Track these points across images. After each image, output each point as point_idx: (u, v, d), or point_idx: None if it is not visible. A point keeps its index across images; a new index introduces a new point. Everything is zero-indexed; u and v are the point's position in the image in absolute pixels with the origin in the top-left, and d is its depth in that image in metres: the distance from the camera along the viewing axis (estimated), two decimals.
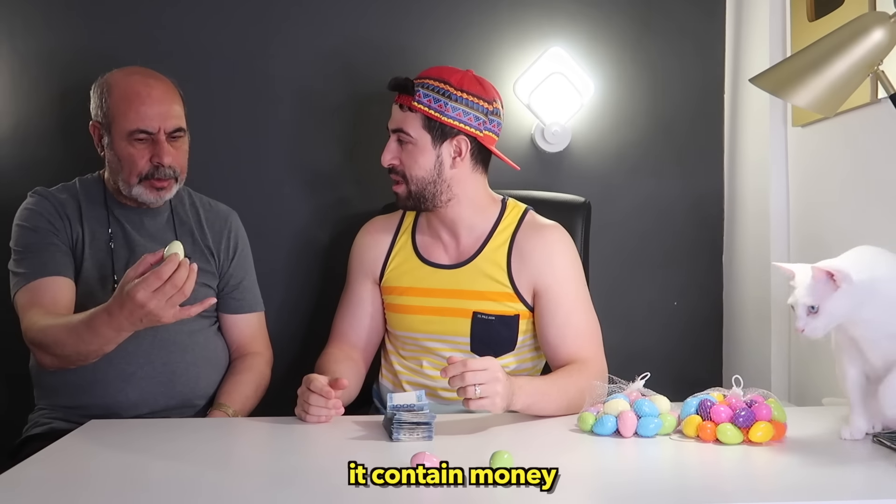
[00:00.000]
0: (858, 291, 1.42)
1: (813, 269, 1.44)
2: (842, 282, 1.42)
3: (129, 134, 1.92)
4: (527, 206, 2.03)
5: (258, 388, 2.05)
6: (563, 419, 1.66)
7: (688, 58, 2.50)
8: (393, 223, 2.08)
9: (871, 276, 1.44)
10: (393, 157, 1.94)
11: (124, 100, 1.93)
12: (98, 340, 1.73)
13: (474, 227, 1.98)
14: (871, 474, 1.32)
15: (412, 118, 1.91)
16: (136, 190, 1.95)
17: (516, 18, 2.45)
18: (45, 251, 1.92)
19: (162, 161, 1.92)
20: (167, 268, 1.59)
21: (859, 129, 1.99)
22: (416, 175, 1.93)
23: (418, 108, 1.90)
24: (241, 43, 2.40)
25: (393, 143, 1.94)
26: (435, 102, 1.90)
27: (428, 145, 1.92)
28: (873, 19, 1.51)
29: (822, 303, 1.43)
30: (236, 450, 1.62)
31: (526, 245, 1.94)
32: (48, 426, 1.92)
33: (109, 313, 1.68)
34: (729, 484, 1.26)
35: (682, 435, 1.54)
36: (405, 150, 1.93)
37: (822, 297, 1.43)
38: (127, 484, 1.31)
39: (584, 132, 2.47)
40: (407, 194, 1.95)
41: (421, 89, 1.90)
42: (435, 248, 2.01)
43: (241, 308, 2.10)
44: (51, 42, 2.35)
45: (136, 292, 1.59)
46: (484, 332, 1.94)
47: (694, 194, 2.52)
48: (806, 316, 1.44)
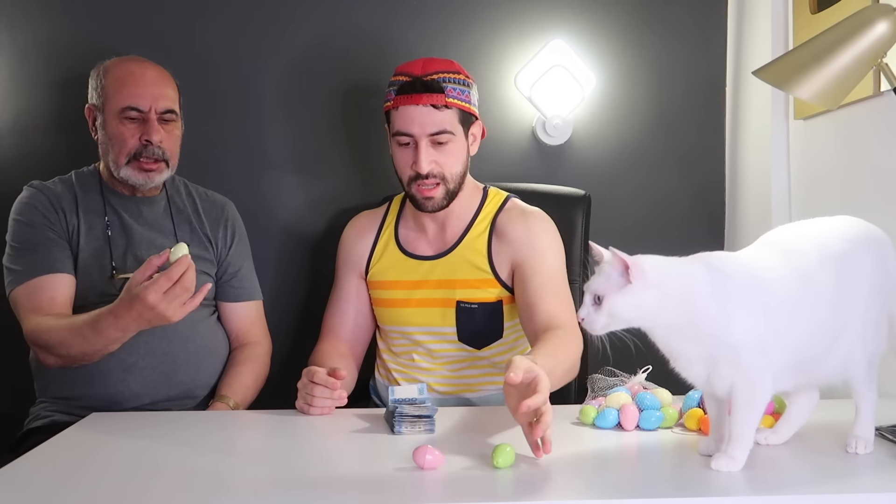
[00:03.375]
0: (656, 296, 1.25)
1: (611, 253, 1.28)
2: (635, 278, 1.25)
3: (120, 111, 1.94)
4: (509, 194, 2.02)
5: (258, 378, 2.06)
6: (565, 413, 1.66)
7: (689, 50, 2.50)
8: (377, 218, 2.07)
9: (683, 284, 1.26)
10: (432, 162, 1.87)
11: (118, 79, 1.96)
12: (103, 341, 1.75)
13: (459, 215, 1.97)
14: (873, 468, 1.32)
15: (449, 115, 1.87)
16: (124, 171, 1.96)
17: (517, 11, 2.44)
18: (41, 247, 1.92)
19: (151, 138, 1.94)
20: (177, 269, 1.61)
21: (862, 121, 1.99)
22: (456, 172, 1.90)
23: (454, 104, 1.87)
24: (237, 35, 2.40)
25: (427, 148, 1.86)
26: (462, 94, 1.89)
27: (462, 138, 1.91)
28: (877, 12, 1.50)
29: (608, 295, 1.26)
30: (239, 443, 1.62)
31: (506, 228, 1.93)
32: (49, 419, 1.93)
33: (115, 315, 1.68)
34: (730, 477, 1.26)
35: (683, 428, 1.55)
36: (444, 150, 1.88)
37: (609, 289, 1.26)
38: (129, 477, 1.31)
39: (586, 125, 2.47)
40: (444, 195, 1.90)
41: (448, 83, 1.87)
42: (418, 241, 2.00)
43: (239, 296, 2.11)
44: (50, 35, 2.35)
45: (147, 295, 1.61)
46: (469, 322, 1.94)
47: (695, 187, 2.52)
48: (591, 305, 1.27)
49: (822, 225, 1.40)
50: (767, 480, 1.28)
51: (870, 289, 1.35)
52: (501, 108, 2.44)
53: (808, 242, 1.35)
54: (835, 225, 1.39)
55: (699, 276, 1.28)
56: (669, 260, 1.30)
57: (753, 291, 1.29)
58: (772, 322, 1.28)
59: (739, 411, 1.28)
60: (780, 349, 1.29)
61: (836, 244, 1.35)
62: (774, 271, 1.31)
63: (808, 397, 1.43)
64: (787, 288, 1.30)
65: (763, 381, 1.29)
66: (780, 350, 1.29)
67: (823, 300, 1.31)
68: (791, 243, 1.36)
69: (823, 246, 1.34)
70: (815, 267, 1.32)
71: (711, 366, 1.28)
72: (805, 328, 1.31)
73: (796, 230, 1.40)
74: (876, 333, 1.37)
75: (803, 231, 1.39)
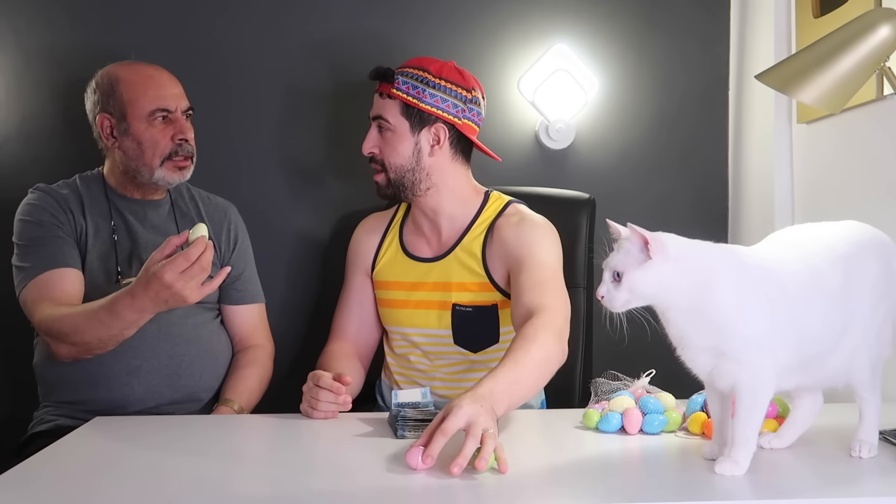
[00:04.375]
0: (677, 272, 1.24)
1: (629, 229, 1.26)
2: (655, 253, 1.23)
3: (149, 114, 1.96)
4: (512, 199, 2.01)
5: (262, 381, 2.06)
6: (568, 417, 1.66)
7: (692, 54, 2.50)
8: (385, 219, 2.10)
9: (705, 260, 1.27)
10: (373, 146, 1.97)
11: (138, 84, 1.97)
12: (119, 324, 1.75)
13: (455, 218, 1.98)
14: (877, 471, 1.32)
15: (391, 105, 1.94)
16: (158, 173, 1.97)
17: (521, 15, 2.45)
18: (51, 243, 1.93)
19: (185, 136, 1.98)
20: (195, 249, 1.62)
21: (865, 125, 1.98)
22: (395, 163, 1.95)
23: (396, 95, 1.92)
24: (237, 39, 2.40)
25: (373, 131, 1.97)
26: (413, 89, 1.92)
27: (406, 132, 1.94)
28: (880, 16, 1.51)
29: (627, 271, 1.24)
30: (243, 446, 1.62)
31: (502, 232, 1.92)
32: (53, 423, 1.93)
33: (132, 295, 1.69)
34: (734, 481, 1.26)
35: (687, 432, 1.54)
36: (384, 138, 1.96)
37: (629, 265, 1.24)
38: (133, 481, 1.31)
39: (589, 129, 2.47)
40: (386, 182, 1.97)
41: (400, 77, 1.93)
42: (419, 242, 2.02)
43: (242, 299, 2.12)
44: (53, 39, 2.35)
45: (164, 273, 1.62)
46: (464, 325, 1.94)
47: (698, 191, 2.52)
48: (610, 282, 1.25)
49: (828, 228, 1.40)
50: (772, 484, 1.28)
51: (875, 292, 1.35)
52: (504, 112, 2.45)
53: (816, 244, 1.36)
54: (841, 228, 1.39)
55: (721, 260, 1.29)
56: (691, 241, 1.30)
57: (766, 283, 1.29)
58: (781, 314, 1.28)
59: (742, 414, 1.28)
60: (786, 344, 1.28)
61: (843, 247, 1.35)
62: (788, 265, 1.32)
63: (811, 401, 1.43)
64: (798, 281, 1.30)
65: (766, 382, 1.28)
66: (785, 345, 1.28)
67: (831, 298, 1.31)
68: (800, 242, 1.37)
69: (830, 247, 1.35)
70: (824, 266, 1.32)
71: (717, 359, 1.28)
72: (813, 323, 1.30)
73: (803, 232, 1.41)
74: (880, 337, 1.37)
75: (810, 233, 1.40)
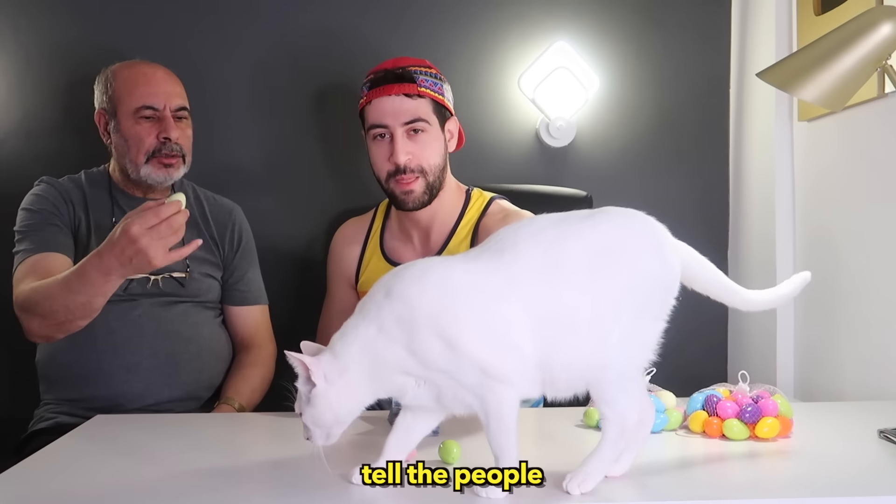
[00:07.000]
0: (357, 375, 1.14)
1: (293, 358, 1.15)
2: (316, 377, 1.13)
3: (135, 111, 1.96)
4: (493, 196, 1.97)
5: (264, 381, 2.06)
6: (569, 416, 1.66)
7: (693, 52, 2.50)
8: (364, 225, 2.05)
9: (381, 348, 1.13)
10: (408, 154, 1.85)
11: (130, 81, 1.99)
12: (86, 289, 1.70)
13: (444, 220, 1.94)
14: (878, 470, 1.32)
15: (423, 104, 1.86)
16: (144, 170, 1.97)
17: (521, 13, 2.44)
18: (46, 230, 1.94)
19: (169, 134, 1.96)
20: (166, 209, 1.60)
21: (866, 123, 1.98)
22: (434, 164, 1.87)
23: (426, 94, 1.87)
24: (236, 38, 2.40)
25: (403, 139, 1.85)
26: (435, 86, 1.89)
27: (438, 130, 1.90)
28: (881, 13, 1.50)
29: (304, 410, 1.14)
30: (243, 444, 1.62)
31: (489, 230, 1.81)
32: (53, 420, 1.93)
33: (99, 254, 1.67)
34: (735, 480, 1.26)
35: (687, 431, 1.54)
36: (420, 141, 1.86)
37: (302, 403, 1.14)
38: (134, 479, 1.31)
39: (589, 127, 2.47)
40: (424, 188, 1.87)
41: (420, 75, 1.87)
42: (403, 248, 1.98)
43: (245, 300, 2.12)
44: (54, 38, 2.36)
45: (132, 226, 1.59)
46: None
47: (699, 190, 2.51)
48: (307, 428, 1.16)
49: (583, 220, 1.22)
50: (772, 483, 1.28)
51: (624, 292, 1.17)
52: (505, 110, 2.44)
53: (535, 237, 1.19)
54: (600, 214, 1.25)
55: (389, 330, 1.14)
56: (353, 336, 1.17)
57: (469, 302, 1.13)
58: (493, 324, 1.13)
59: (497, 434, 1.15)
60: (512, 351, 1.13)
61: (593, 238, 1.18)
62: (476, 275, 1.15)
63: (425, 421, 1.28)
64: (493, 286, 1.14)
65: (511, 394, 1.15)
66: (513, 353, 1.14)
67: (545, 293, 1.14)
68: (509, 240, 1.19)
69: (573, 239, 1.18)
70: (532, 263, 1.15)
71: (455, 389, 1.15)
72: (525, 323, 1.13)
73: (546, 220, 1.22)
74: (630, 341, 1.17)
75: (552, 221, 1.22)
